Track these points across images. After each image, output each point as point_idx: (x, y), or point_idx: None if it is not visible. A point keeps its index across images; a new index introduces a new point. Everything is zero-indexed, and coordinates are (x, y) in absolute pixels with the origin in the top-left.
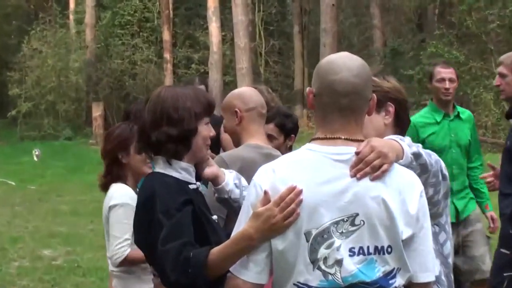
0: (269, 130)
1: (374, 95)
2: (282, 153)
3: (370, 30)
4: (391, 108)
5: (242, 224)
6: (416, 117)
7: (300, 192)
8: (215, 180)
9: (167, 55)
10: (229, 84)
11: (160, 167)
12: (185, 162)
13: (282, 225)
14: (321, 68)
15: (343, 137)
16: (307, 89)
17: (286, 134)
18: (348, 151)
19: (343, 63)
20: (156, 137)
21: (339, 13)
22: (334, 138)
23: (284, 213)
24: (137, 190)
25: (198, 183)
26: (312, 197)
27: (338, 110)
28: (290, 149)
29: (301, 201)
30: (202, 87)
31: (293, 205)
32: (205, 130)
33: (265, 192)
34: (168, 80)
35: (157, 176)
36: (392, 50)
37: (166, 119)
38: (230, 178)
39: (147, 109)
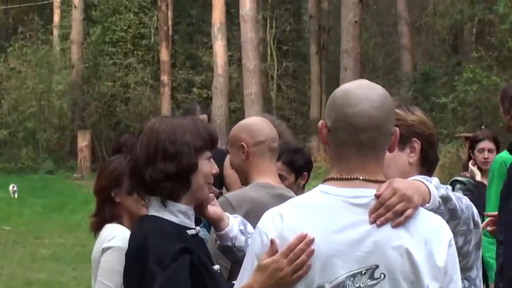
0: (277, 169)
1: (397, 129)
2: (295, 194)
3: (398, 51)
4: (417, 145)
5: (245, 277)
6: (505, 154)
7: (312, 241)
8: (217, 224)
9: (164, 77)
10: (236, 112)
11: (154, 210)
12: (183, 204)
13: (291, 279)
14: (337, 99)
15: (361, 178)
16: (320, 122)
17: (297, 172)
18: (367, 193)
19: (362, 94)
20: (150, 175)
21: (363, 31)
22: (351, 179)
23: (293, 265)
24: None
25: (197, 228)
26: (326, 247)
27: (356, 147)
28: (303, 188)
29: (312, 251)
30: (204, 116)
31: (303, 256)
32: (207, 166)
33: (272, 242)
34: (166, 106)
35: (150, 220)
36: (423, 75)
37: (162, 154)
38: (234, 223)
39: (140, 142)
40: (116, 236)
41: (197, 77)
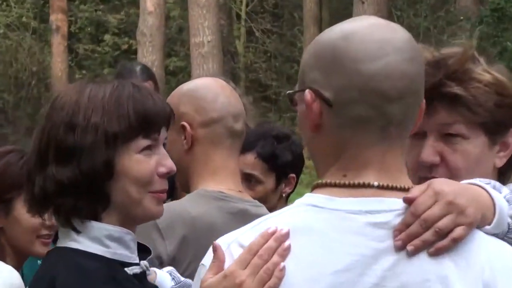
0: (247, 165)
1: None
2: (271, 210)
3: None
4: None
5: None
6: None
7: (286, 235)
8: None
9: (56, 17)
10: (176, 74)
11: (68, 237)
12: (111, 225)
13: None
14: (340, 48)
15: (376, 184)
16: (306, 93)
17: (280, 173)
18: (388, 206)
19: (383, 38)
20: (40, 185)
21: None
22: (360, 186)
23: (259, 274)
24: (22, 273)
25: (143, 263)
26: None
27: (380, 129)
28: (286, 201)
29: (288, 249)
30: (148, 84)
31: (275, 257)
32: (140, 164)
33: (215, 248)
34: (58, 64)
35: (62, 254)
36: (495, 11)
37: (54, 151)
38: (165, 280)
39: (35, 133)
40: None
41: (112, 16)
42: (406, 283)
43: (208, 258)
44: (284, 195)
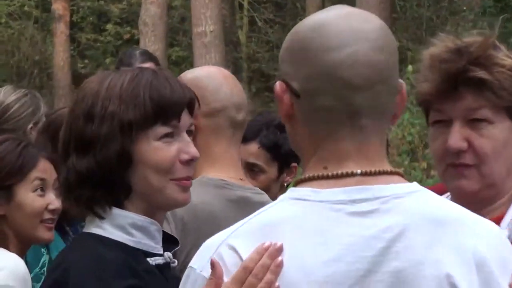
0: (250, 155)
1: (403, 83)
2: (273, 199)
3: None
4: None
5: None
6: None
7: (280, 249)
8: None
9: (58, 6)
10: (179, 64)
11: (93, 224)
12: (135, 214)
13: None
14: (306, 39)
15: (359, 172)
16: (277, 85)
17: (282, 163)
18: (373, 194)
19: (352, 27)
20: (63, 176)
21: None
22: (342, 175)
23: None
24: (26, 261)
25: (167, 254)
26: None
27: (349, 119)
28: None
29: (281, 265)
30: (149, 65)
31: (268, 275)
32: (157, 152)
33: (213, 264)
34: (61, 54)
35: (86, 241)
36: (498, 1)
37: (74, 141)
38: None
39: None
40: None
41: (114, 5)
42: (398, 268)
43: (198, 261)
44: (285, 184)
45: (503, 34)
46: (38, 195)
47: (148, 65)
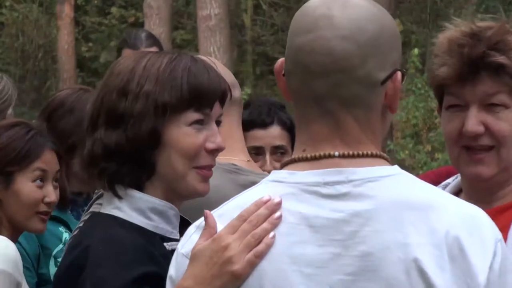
0: (275, 138)
1: (399, 74)
2: None
3: None
4: None
5: None
6: None
7: (279, 204)
8: None
9: None
10: (184, 47)
11: (110, 204)
12: (155, 198)
13: (245, 262)
14: (293, 20)
15: (336, 154)
16: (277, 63)
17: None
18: (347, 177)
19: (322, 13)
20: (88, 148)
21: None
22: (319, 157)
23: (247, 238)
24: (20, 245)
25: None
26: (281, 271)
27: (316, 103)
28: None
29: (279, 219)
30: (154, 49)
31: (264, 224)
32: (186, 137)
33: (206, 216)
34: (65, 37)
35: (105, 222)
36: None
37: (105, 115)
38: None
39: (90, 99)
40: None
41: None
42: (367, 251)
43: (181, 241)
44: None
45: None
46: (37, 186)
47: (153, 49)
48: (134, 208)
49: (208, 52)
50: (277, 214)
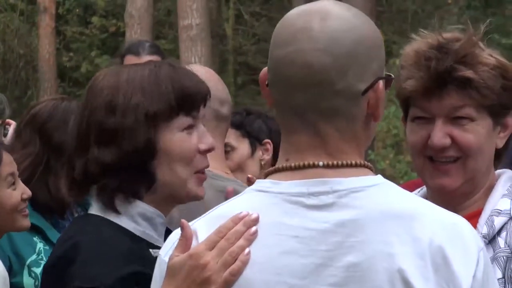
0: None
1: (380, 82)
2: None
3: None
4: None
5: None
6: None
7: (256, 220)
8: None
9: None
10: (165, 56)
11: (99, 208)
12: (145, 204)
13: (222, 280)
14: (274, 32)
15: (321, 164)
16: (262, 72)
17: (253, 139)
18: (331, 187)
19: (301, 25)
20: (81, 168)
21: None
22: (303, 167)
23: (224, 256)
24: (18, 250)
25: None
26: (268, 280)
27: (297, 114)
28: (264, 167)
29: (255, 235)
30: (156, 58)
31: (241, 241)
32: (181, 142)
33: (183, 226)
34: (46, 46)
35: (95, 221)
36: None
37: (95, 133)
38: None
39: (74, 120)
40: None
41: None
42: (352, 262)
43: (164, 248)
44: (262, 163)
45: (488, 29)
46: (13, 190)
47: (154, 58)
48: (124, 212)
49: (190, 62)
50: (252, 229)
